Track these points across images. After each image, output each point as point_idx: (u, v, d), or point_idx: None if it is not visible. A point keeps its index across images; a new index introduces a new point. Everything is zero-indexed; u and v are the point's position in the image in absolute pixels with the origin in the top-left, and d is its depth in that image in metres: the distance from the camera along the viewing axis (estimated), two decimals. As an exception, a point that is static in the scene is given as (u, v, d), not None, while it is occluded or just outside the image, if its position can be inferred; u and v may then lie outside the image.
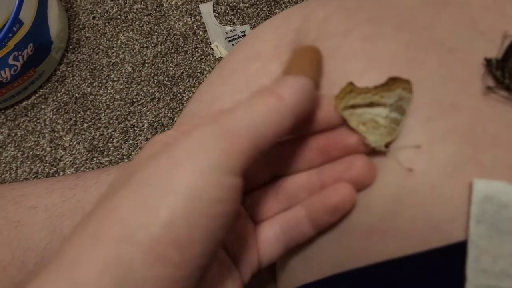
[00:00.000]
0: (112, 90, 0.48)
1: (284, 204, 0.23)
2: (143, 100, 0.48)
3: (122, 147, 0.46)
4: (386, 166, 0.22)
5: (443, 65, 0.23)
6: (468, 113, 0.22)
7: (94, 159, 0.46)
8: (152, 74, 0.49)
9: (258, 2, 0.50)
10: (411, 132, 0.22)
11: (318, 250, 0.23)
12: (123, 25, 0.51)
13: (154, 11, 0.51)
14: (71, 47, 0.50)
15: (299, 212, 0.23)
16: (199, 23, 0.50)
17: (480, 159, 0.21)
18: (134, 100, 0.48)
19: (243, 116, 0.18)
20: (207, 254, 0.17)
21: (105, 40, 0.50)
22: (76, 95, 0.48)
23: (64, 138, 0.46)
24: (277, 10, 0.49)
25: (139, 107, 0.47)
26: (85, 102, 0.48)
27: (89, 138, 0.46)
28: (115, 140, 0.46)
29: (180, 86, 0.47)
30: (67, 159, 0.46)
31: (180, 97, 0.47)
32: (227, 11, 0.50)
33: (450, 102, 0.22)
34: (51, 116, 0.47)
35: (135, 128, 0.47)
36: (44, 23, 0.45)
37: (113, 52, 0.50)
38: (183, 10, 0.51)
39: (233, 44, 0.47)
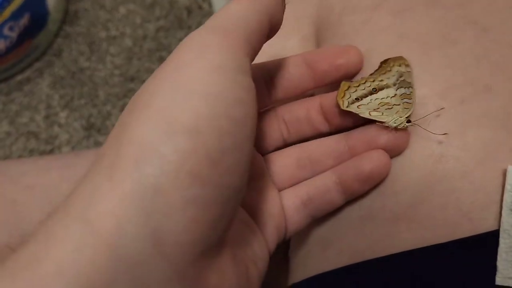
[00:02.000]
0: (111, 66, 0.46)
1: (308, 171, 0.22)
2: (144, 77, 0.46)
3: (122, 125, 0.44)
4: (415, 151, 0.21)
5: (477, 45, 0.22)
6: (503, 96, 0.21)
7: (92, 137, 0.44)
8: (154, 50, 0.47)
9: (265, -23, 0.48)
10: (443, 115, 0.21)
11: (338, 238, 0.22)
12: (124, -3, 0.48)
13: (156, -17, 0.49)
14: (68, 19, 0.47)
15: (329, 179, 0.21)
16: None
17: None
18: (135, 76, 0.46)
19: (228, 16, 0.17)
20: (238, 172, 0.15)
21: (105, 13, 0.48)
22: (73, 69, 0.46)
23: (60, 114, 0.44)
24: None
25: (139, 84, 0.45)
26: (82, 77, 0.46)
27: (86, 115, 0.44)
28: (113, 118, 0.45)
29: (183, 63, 0.46)
30: (63, 137, 0.44)
31: (182, 74, 0.45)
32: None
33: (485, 84, 0.21)
34: (47, 91, 0.45)
35: (135, 106, 0.45)
36: (40, -9, 0.42)
37: (112, 25, 0.47)
38: (187, -17, 0.49)
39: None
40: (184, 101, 0.14)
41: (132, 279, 0.14)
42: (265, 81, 0.23)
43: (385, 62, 0.22)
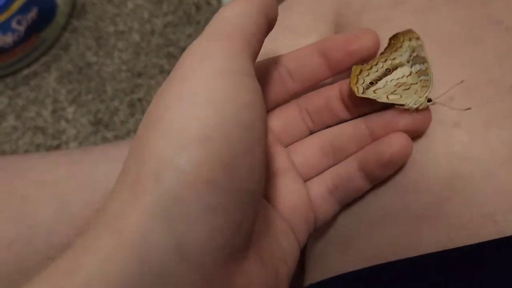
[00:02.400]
0: (118, 61, 0.46)
1: (331, 158, 0.22)
2: (152, 72, 0.45)
3: (129, 121, 0.44)
4: (438, 150, 0.20)
5: (500, 45, 0.21)
6: None
7: (99, 133, 0.43)
8: (162, 45, 0.46)
9: (276, -27, 0.48)
10: (466, 115, 0.20)
11: (359, 239, 0.22)
12: (132, -9, 0.48)
13: (165, -22, 0.48)
14: (76, 13, 0.47)
15: (351, 165, 0.21)
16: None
17: None
18: (142, 72, 0.45)
19: (225, 21, 0.17)
20: (253, 175, 0.16)
21: (112, 7, 0.47)
22: (81, 64, 0.45)
23: (68, 109, 0.44)
24: (295, -18, 0.47)
25: (147, 80, 0.45)
26: (89, 72, 0.45)
27: (94, 110, 0.44)
28: (121, 114, 0.44)
29: (192, 59, 0.45)
30: (70, 132, 0.43)
31: (191, 70, 0.45)
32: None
33: (508, 84, 0.21)
34: (54, 85, 0.45)
35: (143, 102, 0.45)
36: (48, -15, 0.42)
37: (120, 20, 0.47)
38: (196, -22, 0.48)
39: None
40: (192, 111, 0.15)
41: (160, 287, 0.14)
42: (281, 75, 0.22)
43: (394, 37, 0.21)
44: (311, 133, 0.23)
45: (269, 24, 0.18)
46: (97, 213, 0.16)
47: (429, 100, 0.20)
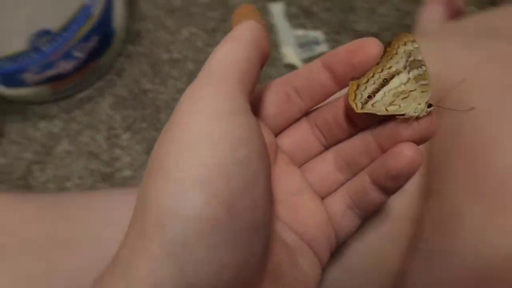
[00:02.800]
0: (173, 89, 0.46)
1: (347, 173, 0.22)
2: (206, 102, 0.45)
3: (183, 150, 0.44)
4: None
5: None
6: None
7: (153, 160, 0.44)
8: (216, 75, 0.46)
9: (332, 7, 0.48)
10: None
11: None
12: (186, 18, 0.48)
13: (219, 7, 0.48)
14: (130, 38, 0.47)
15: (364, 179, 0.21)
16: (267, 24, 0.48)
17: None
18: (196, 100, 0.46)
19: (215, 63, 0.18)
20: (256, 210, 0.16)
21: (167, 34, 0.47)
22: (136, 90, 0.46)
23: (122, 136, 0.44)
24: (351, 17, 0.47)
25: (201, 109, 0.45)
26: (144, 99, 0.45)
27: (148, 138, 0.44)
28: (174, 142, 0.44)
29: (247, 91, 0.45)
30: (124, 160, 0.43)
31: (245, 102, 0.45)
32: (298, 14, 0.48)
33: None
34: (108, 111, 0.45)
35: (197, 131, 0.45)
36: (109, 12, 0.42)
37: (174, 48, 0.47)
38: (250, 8, 0.48)
39: (304, 50, 0.45)
40: (188, 156, 0.15)
41: None
42: (289, 94, 0.22)
43: (389, 45, 0.20)
44: (325, 147, 0.23)
45: (263, 57, 0.19)
46: (112, 260, 0.16)
47: (430, 106, 0.19)
